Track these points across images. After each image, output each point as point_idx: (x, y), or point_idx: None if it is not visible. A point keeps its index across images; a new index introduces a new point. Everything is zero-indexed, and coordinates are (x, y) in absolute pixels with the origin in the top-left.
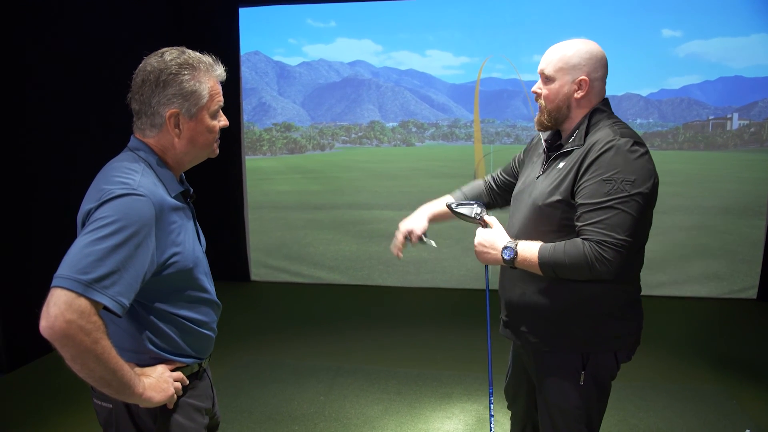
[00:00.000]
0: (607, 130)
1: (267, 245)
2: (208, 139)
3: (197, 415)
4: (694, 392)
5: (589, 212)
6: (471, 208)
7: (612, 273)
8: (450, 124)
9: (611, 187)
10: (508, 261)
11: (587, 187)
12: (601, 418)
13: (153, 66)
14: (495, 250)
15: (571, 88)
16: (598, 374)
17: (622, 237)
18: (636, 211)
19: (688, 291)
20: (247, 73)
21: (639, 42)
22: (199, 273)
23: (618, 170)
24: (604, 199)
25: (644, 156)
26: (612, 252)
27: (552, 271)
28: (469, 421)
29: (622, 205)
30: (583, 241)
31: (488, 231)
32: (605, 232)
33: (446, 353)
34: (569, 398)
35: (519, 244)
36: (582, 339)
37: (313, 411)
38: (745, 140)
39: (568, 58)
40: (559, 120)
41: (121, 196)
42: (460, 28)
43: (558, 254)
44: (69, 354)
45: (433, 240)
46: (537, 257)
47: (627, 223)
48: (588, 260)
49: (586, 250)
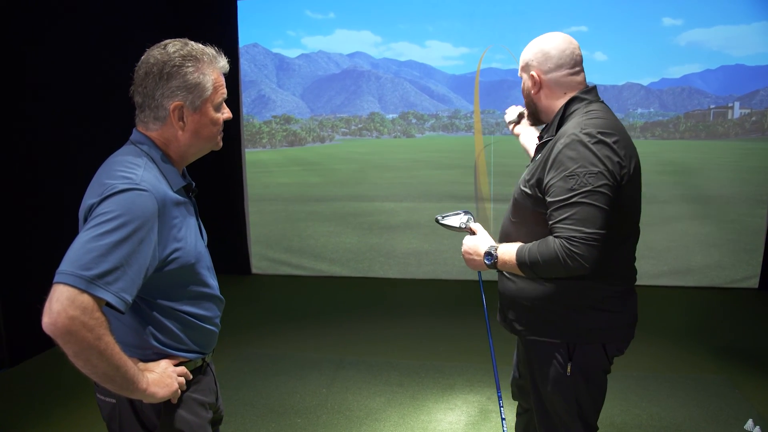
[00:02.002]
0: (576, 120)
1: (268, 238)
2: (212, 131)
3: (201, 409)
4: (696, 381)
5: (557, 209)
6: (457, 218)
7: (587, 268)
8: (450, 115)
9: (575, 182)
10: (489, 265)
11: (553, 185)
12: (597, 410)
13: (156, 58)
14: (479, 256)
15: (528, 84)
16: (586, 365)
17: (591, 231)
18: (604, 203)
19: (689, 280)
20: (246, 66)
21: (639, 31)
22: (202, 268)
23: (579, 164)
24: (569, 195)
25: (607, 146)
26: (583, 246)
27: (531, 271)
28: (472, 412)
29: (587, 199)
30: (554, 239)
31: (473, 237)
32: (574, 228)
33: (448, 344)
34: (556, 387)
35: (499, 248)
36: (563, 328)
37: (315, 403)
38: (746, 129)
39: (523, 57)
40: (535, 114)
41: (124, 191)
42: (459, 18)
43: (533, 254)
44: (72, 350)
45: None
46: (515, 259)
47: (596, 216)
48: (560, 258)
49: (556, 248)
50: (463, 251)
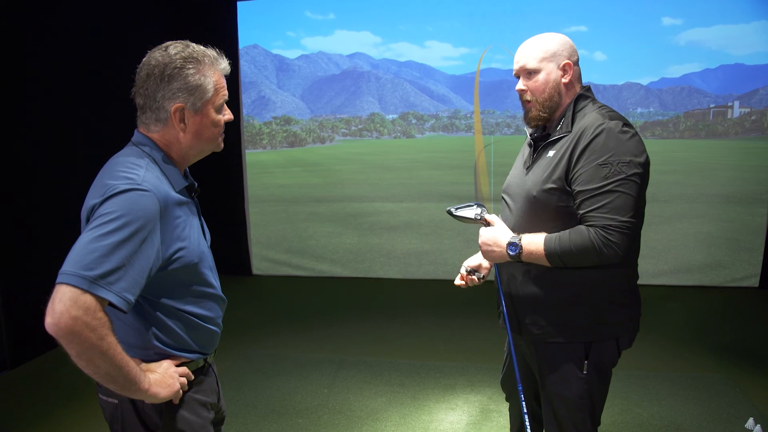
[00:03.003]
0: (595, 114)
1: (268, 239)
2: (213, 133)
3: (203, 410)
4: (696, 380)
5: (590, 198)
6: (471, 210)
7: (620, 256)
8: (450, 116)
9: (608, 171)
10: (513, 256)
11: (584, 173)
12: (603, 405)
13: (157, 60)
14: (500, 247)
15: (557, 74)
16: (600, 362)
17: (626, 219)
18: (635, 192)
19: (690, 280)
20: (246, 67)
21: (639, 30)
22: (204, 268)
23: (612, 153)
24: (603, 183)
25: (635, 137)
26: (618, 235)
27: (560, 260)
28: (473, 411)
29: (621, 188)
30: (587, 227)
31: (491, 229)
32: (609, 216)
33: (448, 344)
34: (572, 388)
35: (523, 238)
36: (585, 327)
37: (316, 403)
38: (746, 128)
39: (547, 47)
40: (553, 109)
41: (126, 191)
42: (459, 18)
43: (564, 244)
44: (74, 350)
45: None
46: (543, 249)
47: (629, 205)
48: (595, 246)
49: (591, 237)
50: (480, 242)
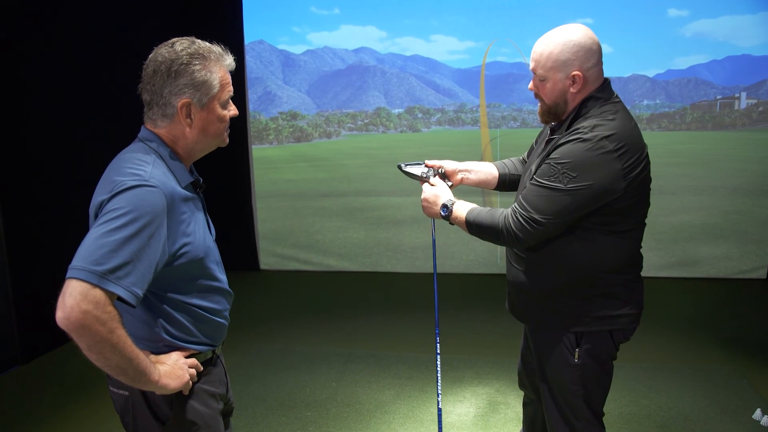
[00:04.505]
0: (590, 121)
1: (275, 234)
2: (219, 128)
3: (212, 400)
4: (704, 372)
5: (527, 187)
6: (419, 168)
7: (517, 244)
8: (456, 109)
9: (552, 173)
10: (444, 216)
11: (541, 166)
12: (604, 397)
13: (164, 56)
14: (436, 205)
15: (565, 84)
16: (595, 353)
17: (537, 216)
18: (565, 203)
19: (697, 272)
20: (252, 63)
21: (645, 22)
22: (210, 262)
23: (567, 161)
24: (541, 180)
25: (609, 153)
26: (521, 225)
27: (474, 230)
28: (480, 404)
29: (554, 192)
30: (503, 210)
31: (433, 188)
32: (524, 207)
33: (456, 337)
34: (565, 375)
35: (456, 203)
36: (573, 317)
37: (325, 397)
38: (753, 119)
39: (557, 56)
40: (558, 113)
41: (133, 187)
42: (464, 12)
43: (479, 216)
44: (85, 344)
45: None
46: (464, 216)
47: (550, 209)
48: (499, 226)
49: (500, 218)
50: (422, 198)
